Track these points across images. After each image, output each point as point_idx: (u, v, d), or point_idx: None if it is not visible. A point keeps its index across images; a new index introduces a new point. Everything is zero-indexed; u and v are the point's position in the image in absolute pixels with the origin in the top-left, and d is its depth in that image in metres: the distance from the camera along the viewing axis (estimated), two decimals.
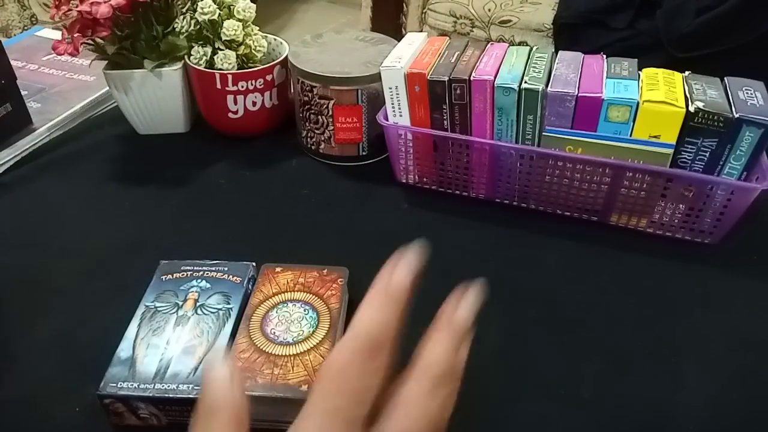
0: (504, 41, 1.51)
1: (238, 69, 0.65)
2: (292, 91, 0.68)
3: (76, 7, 0.60)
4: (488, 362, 0.46)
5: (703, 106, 0.49)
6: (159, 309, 0.45)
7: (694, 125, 0.50)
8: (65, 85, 0.79)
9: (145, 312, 0.45)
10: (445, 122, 0.58)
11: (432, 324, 0.28)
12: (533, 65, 0.56)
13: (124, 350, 0.42)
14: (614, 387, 0.45)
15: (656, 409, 0.44)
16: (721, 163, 0.51)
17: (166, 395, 0.39)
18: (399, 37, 0.63)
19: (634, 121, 0.52)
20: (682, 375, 0.46)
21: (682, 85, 0.53)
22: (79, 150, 0.70)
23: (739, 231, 0.54)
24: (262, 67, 0.65)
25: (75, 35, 0.62)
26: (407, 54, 0.58)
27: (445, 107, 0.57)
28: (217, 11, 0.63)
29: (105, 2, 0.59)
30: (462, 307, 0.29)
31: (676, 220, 0.56)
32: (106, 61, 0.67)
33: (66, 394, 0.43)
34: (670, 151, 0.52)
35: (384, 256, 0.61)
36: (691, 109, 0.50)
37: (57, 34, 0.70)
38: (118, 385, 0.40)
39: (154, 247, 0.56)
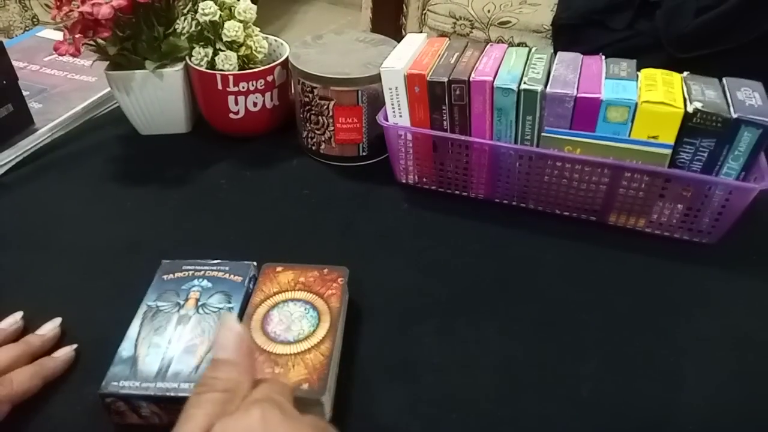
0: (503, 42, 1.51)
1: (239, 70, 0.65)
2: (292, 91, 0.68)
3: (78, 7, 0.60)
4: (488, 362, 0.47)
5: (702, 106, 0.50)
6: (161, 308, 0.45)
7: (692, 125, 0.50)
8: (67, 86, 0.79)
9: (147, 311, 0.45)
10: (445, 123, 0.58)
11: None
12: (532, 66, 0.56)
13: (125, 349, 0.42)
14: (614, 387, 0.45)
15: (656, 408, 0.44)
16: (720, 163, 0.52)
17: (168, 394, 0.40)
18: (399, 38, 0.64)
19: (632, 121, 0.52)
20: (682, 375, 0.46)
21: (680, 85, 0.53)
22: (81, 150, 0.70)
23: (738, 231, 0.54)
24: (263, 68, 0.65)
25: (76, 36, 0.62)
26: (407, 55, 0.58)
27: (444, 108, 0.57)
28: (218, 12, 0.63)
29: (106, 3, 0.60)
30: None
31: (675, 220, 0.56)
32: (107, 62, 0.67)
33: (68, 393, 0.43)
34: (669, 151, 0.52)
35: (384, 256, 0.62)
36: (690, 109, 0.50)
37: (58, 35, 0.70)
38: (120, 384, 0.40)
39: (156, 247, 0.56)
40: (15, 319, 0.47)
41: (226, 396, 0.30)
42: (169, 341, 0.43)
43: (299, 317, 0.44)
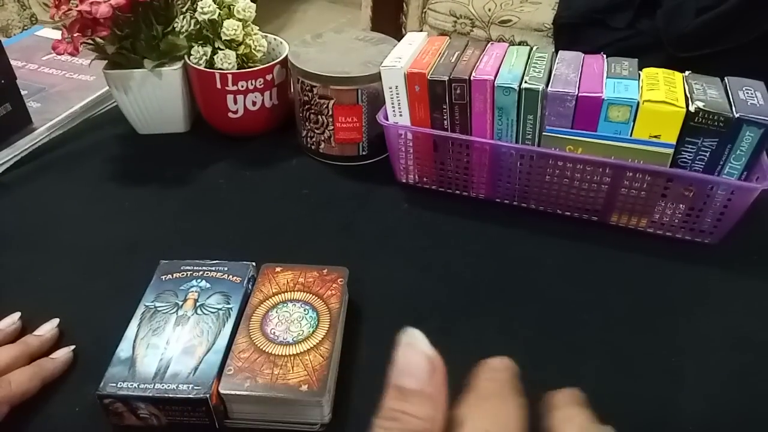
0: (504, 41, 1.50)
1: (238, 69, 0.65)
2: (292, 90, 0.68)
3: (76, 6, 0.60)
4: None
5: (704, 105, 0.49)
6: (159, 309, 0.45)
7: (694, 125, 0.50)
8: (65, 85, 0.79)
9: (145, 312, 0.45)
10: (445, 122, 0.58)
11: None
12: (533, 65, 0.55)
13: (123, 350, 0.42)
14: (614, 387, 0.45)
15: (656, 409, 0.44)
16: (722, 162, 0.51)
17: (166, 395, 0.39)
18: (399, 36, 0.63)
19: (634, 120, 0.52)
20: (682, 375, 0.46)
21: (682, 84, 0.53)
22: (79, 150, 0.70)
23: (740, 231, 0.54)
24: (262, 66, 0.65)
25: (75, 35, 0.62)
26: (407, 54, 0.58)
27: (445, 107, 0.57)
28: (217, 11, 0.63)
29: (105, 2, 0.59)
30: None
31: (677, 220, 0.56)
32: (105, 61, 0.67)
33: (66, 394, 0.43)
34: (671, 150, 0.52)
35: (384, 256, 0.61)
36: (692, 108, 0.50)
37: (57, 34, 0.70)
38: (118, 385, 0.40)
39: (154, 247, 0.56)
40: (13, 319, 0.47)
41: None
42: (168, 342, 0.43)
43: (298, 318, 0.44)
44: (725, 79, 0.53)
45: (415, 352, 0.26)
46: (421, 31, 1.64)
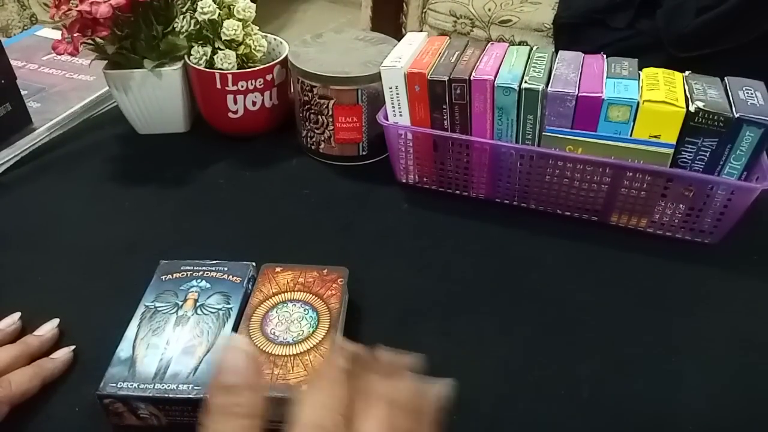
0: (504, 41, 1.50)
1: (238, 69, 0.65)
2: (292, 90, 0.68)
3: (76, 6, 0.60)
4: (488, 362, 0.46)
5: (704, 105, 0.49)
6: (159, 309, 0.45)
7: (694, 125, 0.50)
8: (65, 85, 0.79)
9: (145, 312, 0.45)
10: (445, 122, 0.58)
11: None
12: (533, 65, 0.55)
13: (123, 350, 0.42)
14: (614, 387, 0.45)
15: (656, 409, 0.44)
16: (722, 162, 0.51)
17: (166, 395, 0.39)
18: (399, 36, 0.63)
19: (634, 120, 0.52)
20: (682, 375, 0.46)
21: (682, 84, 0.53)
22: (79, 150, 0.70)
23: (740, 231, 0.54)
24: (262, 66, 0.65)
25: (75, 35, 0.62)
26: (407, 54, 0.58)
27: (445, 107, 0.57)
28: (217, 11, 0.63)
29: (105, 2, 0.59)
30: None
31: (677, 220, 0.56)
32: (105, 61, 0.67)
33: (66, 394, 0.43)
34: (671, 150, 0.52)
35: (384, 256, 0.61)
36: (692, 108, 0.50)
37: (57, 34, 0.70)
38: (118, 385, 0.40)
39: (154, 247, 0.56)
40: (13, 319, 0.47)
41: (252, 423, 0.27)
42: (168, 342, 0.43)
43: (298, 318, 0.44)
44: (725, 79, 0.53)
45: (231, 351, 0.28)
46: (421, 31, 1.64)
